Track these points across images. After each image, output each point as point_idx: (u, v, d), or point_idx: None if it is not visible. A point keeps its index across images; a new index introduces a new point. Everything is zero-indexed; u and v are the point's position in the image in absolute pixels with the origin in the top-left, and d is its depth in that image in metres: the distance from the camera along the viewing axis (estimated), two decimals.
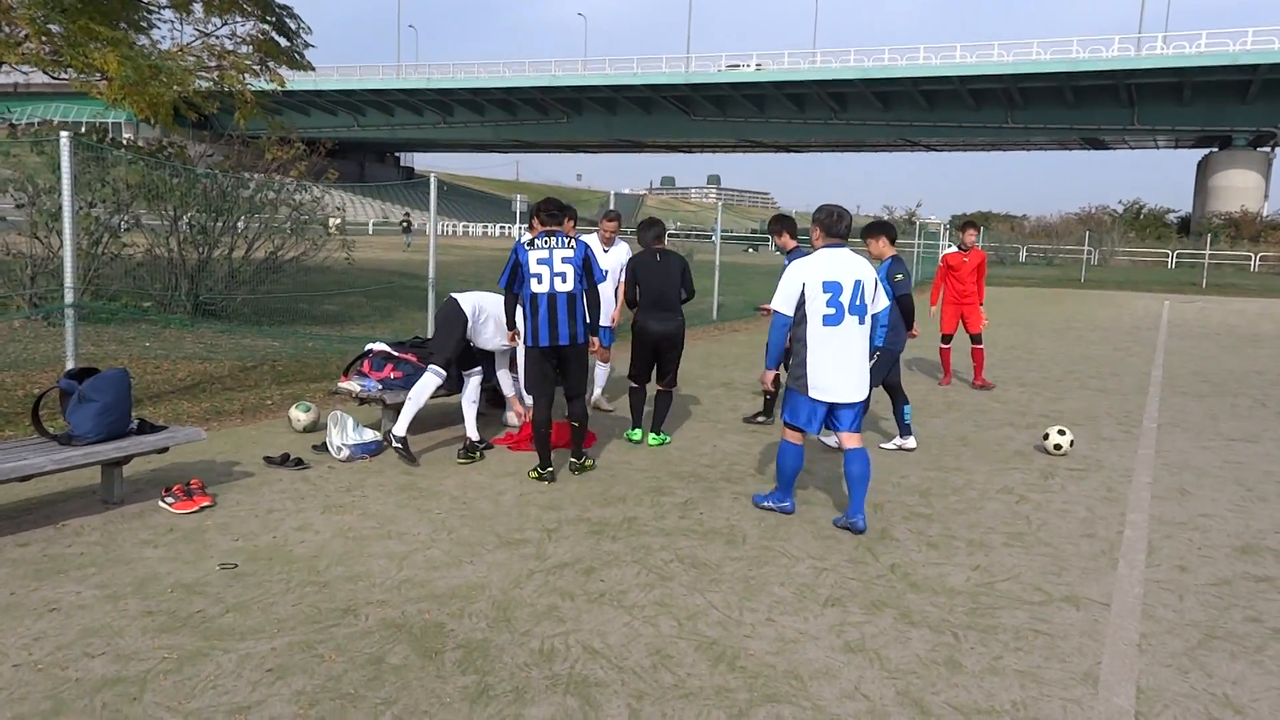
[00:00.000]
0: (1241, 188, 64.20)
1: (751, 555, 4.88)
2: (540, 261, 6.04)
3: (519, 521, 5.31)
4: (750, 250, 66.21)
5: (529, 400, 7.83)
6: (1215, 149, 67.26)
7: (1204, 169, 68.36)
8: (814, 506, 5.79)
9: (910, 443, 7.44)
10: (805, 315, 5.32)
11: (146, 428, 5.48)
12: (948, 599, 4.38)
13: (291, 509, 5.39)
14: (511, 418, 7.81)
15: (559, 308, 6.03)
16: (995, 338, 15.86)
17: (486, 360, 7.22)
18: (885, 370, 7.31)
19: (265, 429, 7.35)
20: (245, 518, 5.20)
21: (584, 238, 7.43)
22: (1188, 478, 6.83)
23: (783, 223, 7.80)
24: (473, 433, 6.80)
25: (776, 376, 5.95)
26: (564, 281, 6.04)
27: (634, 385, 7.43)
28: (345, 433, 6.56)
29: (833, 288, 5.27)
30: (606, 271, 7.79)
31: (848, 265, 5.32)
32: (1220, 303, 27.88)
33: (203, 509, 5.27)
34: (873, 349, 5.57)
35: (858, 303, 5.31)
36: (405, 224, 50.65)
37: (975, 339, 10.76)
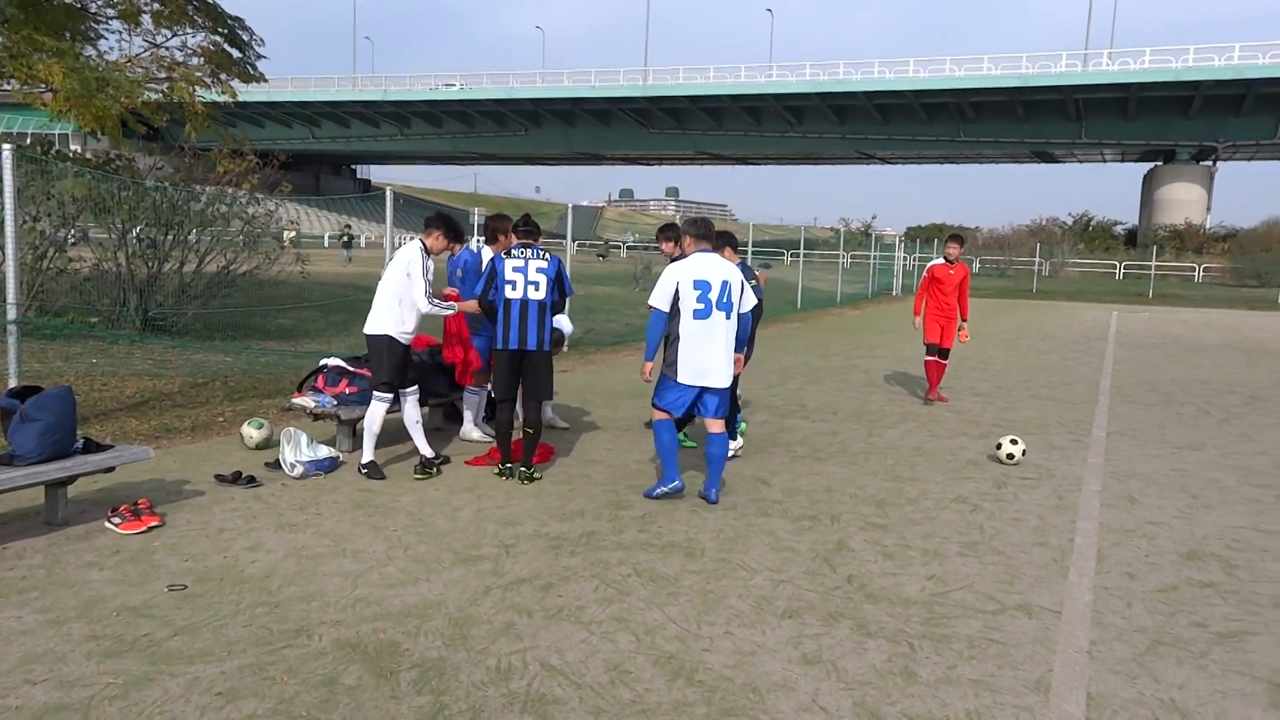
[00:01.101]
0: (1185, 200, 65.94)
1: (710, 568, 4.89)
2: (516, 269, 6.39)
3: (476, 538, 5.27)
4: None
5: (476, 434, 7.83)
6: (1160, 163, 69.01)
7: (1149, 182, 70.10)
8: (771, 518, 5.82)
9: (738, 443, 7.48)
10: (679, 310, 6.04)
11: (92, 447, 5.36)
12: (903, 609, 4.42)
13: (243, 528, 5.30)
14: (474, 433, 7.76)
15: (529, 314, 6.37)
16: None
17: (427, 378, 7.18)
18: None
19: (217, 446, 7.22)
20: (195, 538, 5.10)
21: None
22: (1135, 485, 6.97)
23: (666, 231, 7.79)
24: (425, 450, 6.74)
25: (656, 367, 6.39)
26: (536, 290, 6.38)
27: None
28: (299, 449, 6.47)
29: (702, 285, 6.00)
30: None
31: (716, 267, 6.07)
32: (1166, 313, 28.55)
33: (151, 529, 5.16)
34: (740, 345, 6.25)
35: (724, 300, 6.04)
36: (346, 237, 42.12)
37: (944, 354, 10.67)
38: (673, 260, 7.23)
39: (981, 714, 3.44)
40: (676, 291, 6.02)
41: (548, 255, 6.50)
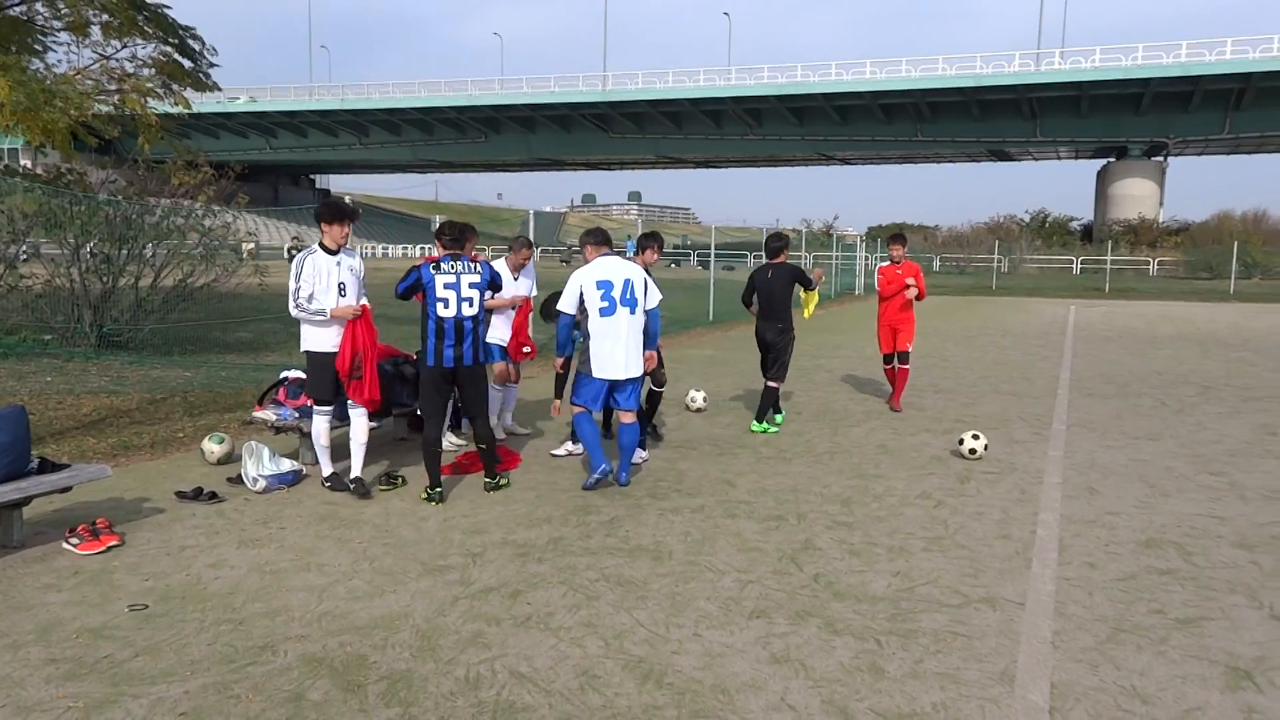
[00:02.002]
0: (1138, 195, 67.15)
1: (678, 571, 4.90)
2: (448, 286, 6.08)
3: (442, 548, 5.24)
4: (673, 266, 66.70)
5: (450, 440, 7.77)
6: (1113, 159, 70.25)
7: (1103, 178, 71.34)
8: (738, 519, 5.84)
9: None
10: (586, 311, 6.48)
11: (48, 466, 5.26)
12: (870, 606, 4.46)
13: (205, 545, 5.23)
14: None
15: (464, 331, 6.11)
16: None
17: (389, 388, 7.08)
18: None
19: (177, 463, 7.11)
20: (156, 556, 5.02)
21: (495, 264, 7.41)
22: (1095, 477, 7.09)
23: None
24: (354, 470, 6.31)
25: (566, 360, 6.88)
26: (470, 306, 6.13)
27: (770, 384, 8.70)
28: (261, 463, 6.39)
29: (605, 285, 6.46)
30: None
31: (617, 268, 6.53)
32: (1122, 306, 29.07)
33: (110, 549, 5.07)
34: (650, 341, 6.69)
35: (628, 296, 6.48)
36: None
37: (903, 357, 10.13)
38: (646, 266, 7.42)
39: (949, 706, 3.48)
40: (581, 294, 6.49)
41: (478, 266, 6.24)
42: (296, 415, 7.04)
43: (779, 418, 8.94)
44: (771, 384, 8.67)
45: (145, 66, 14.44)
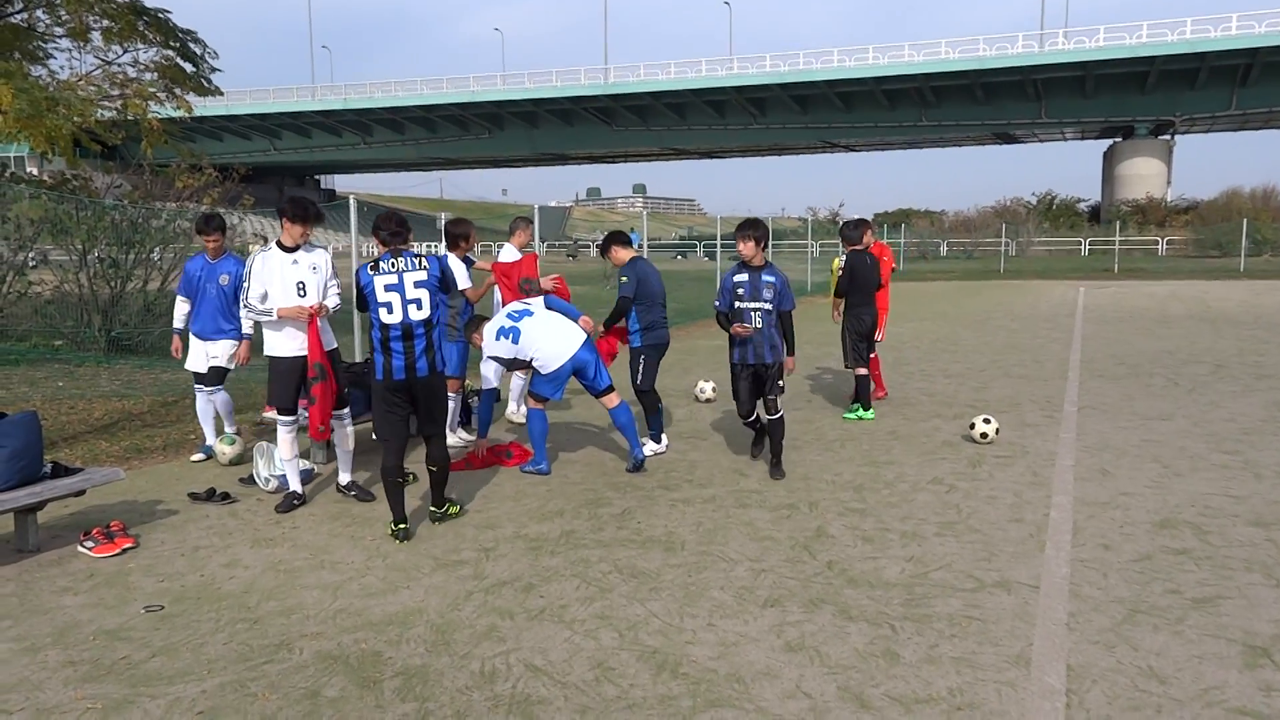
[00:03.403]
0: (1146, 175, 66.72)
1: (690, 561, 4.89)
2: (389, 288, 5.31)
3: (455, 542, 5.25)
4: (679, 257, 66.60)
5: (460, 437, 7.76)
6: (1119, 139, 69.79)
7: (1110, 158, 70.91)
8: (750, 509, 5.84)
9: (661, 446, 7.40)
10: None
11: (61, 471, 5.28)
12: (884, 592, 4.45)
13: (219, 545, 5.25)
14: (449, 438, 7.71)
15: (415, 338, 5.33)
16: (920, 331, 16.21)
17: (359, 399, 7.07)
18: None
19: (189, 465, 7.14)
20: (170, 557, 5.05)
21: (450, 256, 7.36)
22: (1108, 458, 7.06)
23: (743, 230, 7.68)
24: (343, 478, 6.24)
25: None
26: (419, 309, 5.34)
27: (861, 372, 8.77)
28: (273, 464, 6.41)
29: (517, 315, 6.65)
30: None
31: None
32: (1132, 287, 28.92)
33: (125, 551, 5.10)
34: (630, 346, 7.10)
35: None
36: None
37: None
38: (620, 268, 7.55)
39: (964, 691, 3.47)
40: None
41: (424, 262, 5.41)
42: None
43: (870, 414, 8.75)
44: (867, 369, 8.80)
45: (147, 71, 14.48)
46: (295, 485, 6.06)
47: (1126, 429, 8.08)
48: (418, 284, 5.35)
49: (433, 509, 5.64)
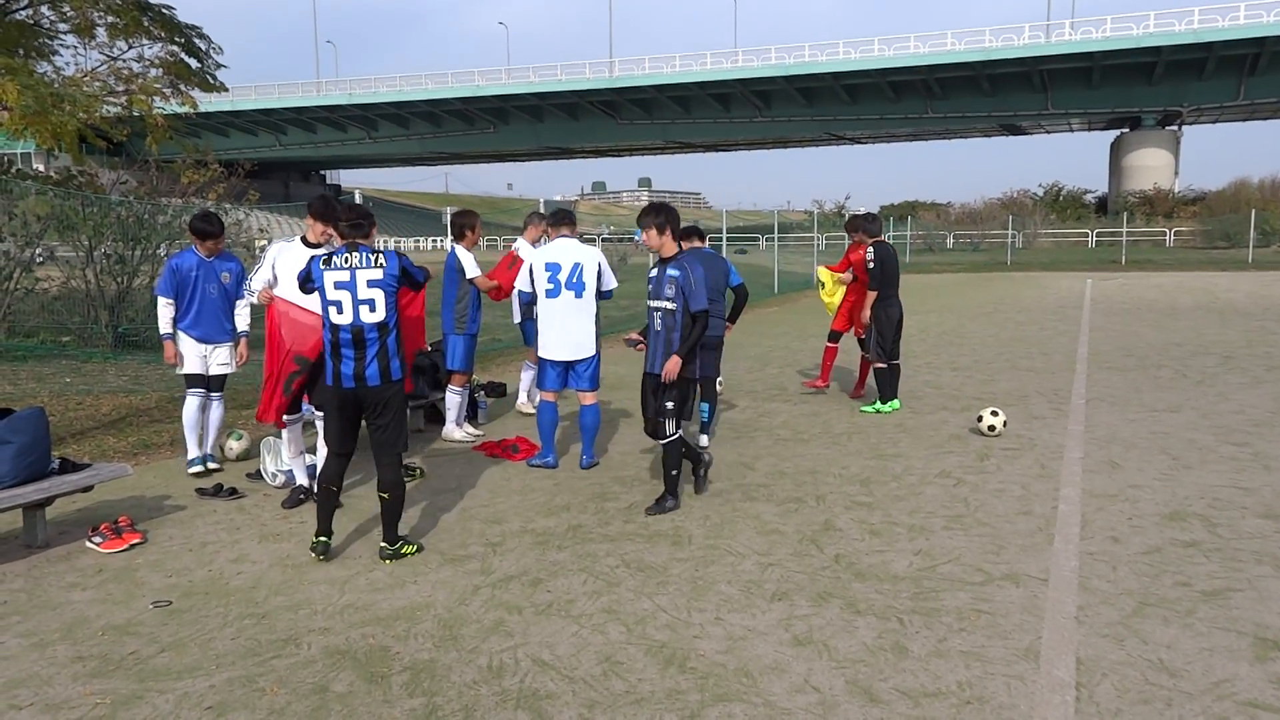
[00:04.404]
0: (1153, 166, 66.42)
1: (697, 555, 4.89)
2: (340, 286, 4.80)
3: (462, 537, 5.25)
4: None
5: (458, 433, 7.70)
6: (1126, 129, 69.47)
7: (1117, 149, 70.57)
8: (757, 502, 5.82)
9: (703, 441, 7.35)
10: (536, 292, 6.61)
11: (69, 467, 5.29)
12: (892, 585, 4.43)
13: (227, 540, 5.26)
14: (456, 433, 7.72)
15: (367, 343, 4.82)
16: (926, 324, 16.17)
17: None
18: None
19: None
20: (178, 553, 5.05)
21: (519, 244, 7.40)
22: (1116, 450, 7.03)
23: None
24: (302, 479, 6.07)
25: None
26: (372, 311, 4.81)
27: (886, 365, 8.64)
28: (280, 459, 6.41)
29: (553, 268, 6.55)
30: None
31: (569, 251, 6.57)
32: (1139, 278, 28.81)
33: (133, 547, 5.11)
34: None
35: (574, 280, 6.54)
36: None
37: (861, 345, 9.41)
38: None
39: (974, 684, 3.46)
40: (532, 274, 6.64)
41: (381, 258, 4.85)
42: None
43: (895, 404, 8.72)
44: (896, 362, 8.73)
45: (152, 67, 14.50)
46: (302, 480, 6.06)
47: (1135, 421, 8.05)
48: (371, 283, 4.80)
49: (384, 544, 4.93)
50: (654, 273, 5.79)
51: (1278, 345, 12.79)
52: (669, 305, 5.63)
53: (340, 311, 4.81)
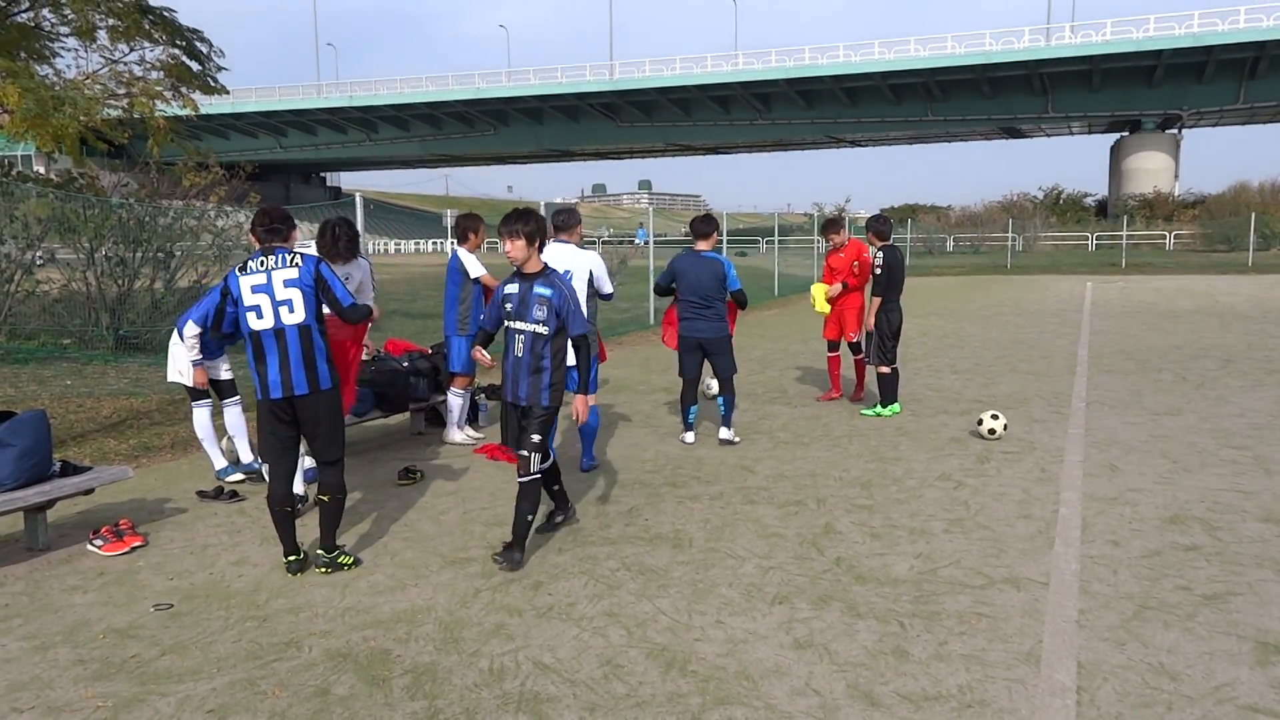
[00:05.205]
0: (1153, 169, 66.41)
1: (698, 558, 4.89)
2: (257, 289, 4.63)
3: (463, 540, 5.25)
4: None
5: (458, 436, 7.71)
6: (1126, 133, 69.46)
7: (1117, 153, 70.56)
8: (758, 505, 5.83)
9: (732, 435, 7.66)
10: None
11: (70, 469, 5.29)
12: (892, 589, 4.44)
13: (228, 543, 5.26)
14: (457, 435, 7.73)
15: (290, 347, 4.63)
16: (927, 327, 16.17)
17: (402, 384, 7.04)
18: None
19: (198, 463, 7.14)
20: (180, 555, 5.06)
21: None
22: (1116, 453, 7.03)
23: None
24: (218, 461, 6.42)
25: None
26: (291, 311, 4.63)
27: (890, 369, 8.62)
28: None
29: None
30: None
31: (561, 257, 6.37)
32: (1140, 281, 28.81)
33: (134, 549, 5.11)
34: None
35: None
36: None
37: (853, 348, 9.46)
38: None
39: (974, 688, 3.46)
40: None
41: (297, 259, 4.71)
42: None
43: (895, 408, 8.76)
44: (896, 367, 8.73)
45: (153, 69, 14.52)
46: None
47: (1135, 424, 8.05)
48: (288, 283, 4.62)
49: (320, 552, 4.78)
50: (511, 289, 4.95)
51: (1278, 349, 12.79)
52: (539, 329, 4.85)
53: (260, 316, 4.63)
